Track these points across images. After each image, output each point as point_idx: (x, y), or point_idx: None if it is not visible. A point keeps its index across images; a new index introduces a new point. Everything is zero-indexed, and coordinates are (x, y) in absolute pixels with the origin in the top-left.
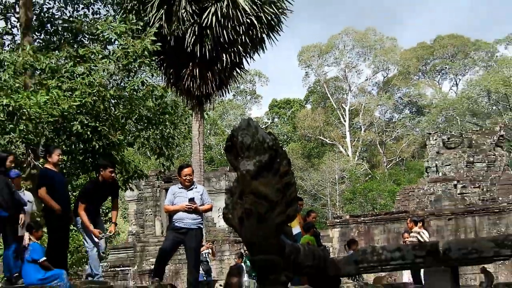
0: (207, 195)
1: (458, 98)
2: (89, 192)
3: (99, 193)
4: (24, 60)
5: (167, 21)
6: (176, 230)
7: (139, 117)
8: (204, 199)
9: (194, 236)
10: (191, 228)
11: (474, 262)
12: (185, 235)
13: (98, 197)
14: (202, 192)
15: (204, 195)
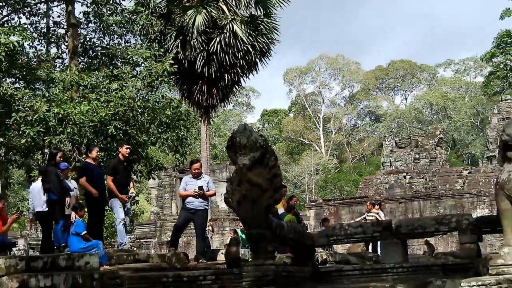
0: (212, 183)
1: (407, 109)
2: (113, 167)
3: (122, 167)
4: (71, 78)
5: (182, 49)
6: (187, 210)
7: (159, 122)
8: (209, 186)
9: (201, 215)
10: (198, 209)
11: (419, 236)
12: (193, 214)
13: (122, 171)
14: (208, 181)
15: (210, 183)
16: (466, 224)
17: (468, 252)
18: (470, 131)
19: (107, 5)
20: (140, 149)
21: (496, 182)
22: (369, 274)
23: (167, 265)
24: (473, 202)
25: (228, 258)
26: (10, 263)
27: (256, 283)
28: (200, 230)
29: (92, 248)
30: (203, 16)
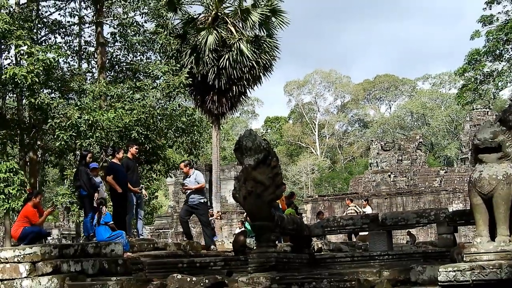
0: (199, 178)
1: (391, 116)
2: (126, 165)
3: (133, 165)
4: (100, 89)
5: (196, 64)
6: (187, 204)
7: (176, 128)
8: (197, 180)
9: (201, 208)
10: (197, 203)
11: (403, 227)
12: (194, 208)
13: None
14: (195, 177)
15: (197, 178)
16: (443, 217)
17: (445, 242)
18: (446, 136)
19: (131, 27)
20: (159, 151)
21: (469, 181)
22: (359, 261)
23: (182, 253)
24: (449, 197)
25: (235, 246)
26: (45, 251)
27: (260, 268)
28: (202, 220)
29: (116, 237)
30: (214, 36)
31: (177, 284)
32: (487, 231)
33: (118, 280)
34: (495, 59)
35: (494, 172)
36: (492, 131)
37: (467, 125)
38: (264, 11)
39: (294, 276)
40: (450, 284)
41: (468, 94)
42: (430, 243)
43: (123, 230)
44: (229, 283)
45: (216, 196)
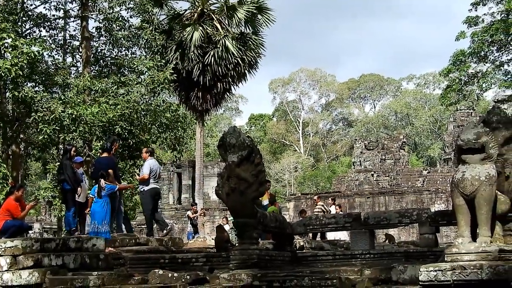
0: (144, 168)
1: (375, 116)
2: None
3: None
4: (84, 84)
5: (181, 60)
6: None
7: (160, 124)
8: (142, 170)
9: (141, 197)
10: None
11: (385, 227)
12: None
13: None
14: (144, 166)
15: (143, 168)
16: (425, 217)
17: (427, 242)
18: (429, 136)
19: (117, 22)
20: (143, 147)
21: (451, 181)
22: (340, 259)
23: (164, 248)
24: (432, 198)
25: (217, 243)
26: (27, 244)
27: (242, 265)
28: (142, 210)
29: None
30: (200, 33)
31: (158, 279)
32: (468, 231)
33: (99, 274)
34: (479, 60)
35: (477, 173)
36: (475, 132)
37: (451, 126)
38: (250, 8)
39: (275, 273)
40: (431, 283)
41: (452, 95)
42: (412, 242)
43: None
44: (210, 279)
45: (199, 193)
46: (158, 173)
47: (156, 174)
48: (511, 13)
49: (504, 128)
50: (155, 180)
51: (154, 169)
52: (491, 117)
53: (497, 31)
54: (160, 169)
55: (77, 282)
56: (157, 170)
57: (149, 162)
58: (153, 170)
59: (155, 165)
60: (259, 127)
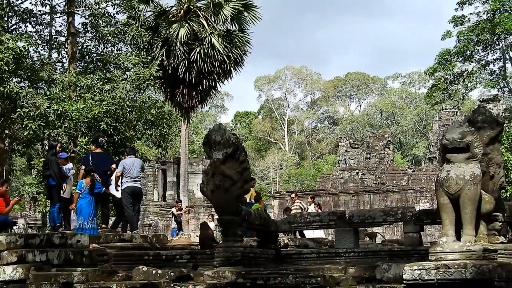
0: (118, 167)
1: (360, 114)
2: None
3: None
4: (69, 79)
5: (167, 57)
6: None
7: (145, 120)
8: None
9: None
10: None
11: (369, 225)
12: None
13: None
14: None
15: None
16: (410, 216)
17: (411, 240)
18: (415, 135)
19: (103, 18)
20: (128, 143)
21: (436, 180)
22: (324, 257)
23: (148, 245)
24: (416, 196)
25: (201, 240)
26: (11, 240)
27: (226, 262)
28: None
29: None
30: (186, 30)
31: (142, 276)
32: (453, 230)
33: (83, 271)
34: (465, 59)
35: (462, 172)
36: (460, 131)
37: (436, 125)
38: (237, 6)
39: (259, 271)
40: (415, 282)
41: (438, 94)
42: (396, 241)
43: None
44: (194, 276)
45: (184, 190)
46: (134, 172)
47: (131, 173)
48: (497, 12)
49: (489, 127)
50: (132, 179)
51: (128, 167)
52: (476, 116)
53: (483, 31)
54: (137, 167)
55: (61, 278)
56: (131, 169)
57: (123, 161)
58: (126, 169)
59: (131, 164)
60: (245, 124)
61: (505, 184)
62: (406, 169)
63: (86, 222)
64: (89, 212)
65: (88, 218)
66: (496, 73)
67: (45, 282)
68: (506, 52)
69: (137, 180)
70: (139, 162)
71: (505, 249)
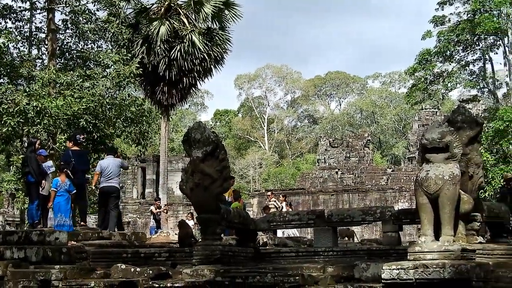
0: (96, 167)
1: (340, 113)
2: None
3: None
4: (49, 76)
5: (147, 54)
6: None
7: (125, 118)
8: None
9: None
10: None
11: (348, 224)
12: None
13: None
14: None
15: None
16: (389, 215)
17: (390, 240)
18: (394, 134)
19: (83, 15)
20: (107, 140)
21: (415, 180)
22: (303, 256)
23: (127, 243)
24: (395, 196)
25: (180, 238)
26: None
27: (205, 260)
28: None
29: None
30: (166, 27)
31: (120, 274)
32: (431, 230)
33: (61, 268)
34: (445, 59)
35: (441, 172)
36: (440, 131)
37: (416, 125)
38: (217, 4)
39: (238, 269)
40: (393, 282)
41: (418, 94)
42: (375, 240)
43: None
44: (173, 274)
45: (163, 188)
46: (110, 172)
47: (108, 173)
48: (477, 13)
49: (468, 127)
50: (107, 178)
51: (104, 167)
52: (455, 116)
53: (463, 31)
54: (113, 167)
55: (39, 275)
56: (107, 168)
57: (100, 161)
58: (103, 169)
59: (106, 164)
60: (224, 122)
61: (484, 184)
62: (386, 169)
63: (67, 219)
64: (68, 209)
65: (68, 215)
66: (476, 73)
67: (23, 279)
68: (486, 52)
69: (112, 179)
70: (116, 162)
71: (484, 249)
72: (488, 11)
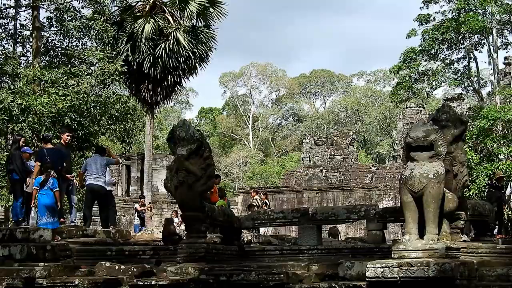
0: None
1: (325, 112)
2: (58, 153)
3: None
4: (34, 74)
5: (132, 52)
6: None
7: (110, 115)
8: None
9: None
10: None
11: (333, 222)
12: None
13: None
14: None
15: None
16: (373, 214)
17: (374, 238)
18: (379, 133)
19: (68, 12)
20: (92, 138)
21: (400, 178)
22: (288, 254)
23: (111, 240)
24: (380, 194)
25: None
26: None
27: (189, 258)
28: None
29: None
30: (151, 25)
31: (105, 272)
32: (416, 229)
33: (45, 266)
34: (430, 58)
35: (425, 170)
36: (424, 129)
37: (400, 123)
38: (202, 2)
39: (223, 267)
40: (377, 280)
41: (402, 92)
42: (360, 239)
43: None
44: (157, 272)
45: (147, 185)
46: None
47: (91, 171)
48: (462, 11)
49: (453, 126)
50: (92, 177)
51: (89, 165)
52: (440, 115)
53: (448, 30)
54: (97, 166)
55: (23, 273)
56: (91, 167)
57: (87, 160)
58: (88, 167)
59: (91, 162)
60: (209, 120)
61: (468, 183)
62: (370, 167)
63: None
64: (53, 206)
65: (54, 212)
66: (461, 72)
67: (7, 277)
68: (470, 51)
69: (98, 178)
70: (101, 160)
71: (468, 248)
72: (473, 9)
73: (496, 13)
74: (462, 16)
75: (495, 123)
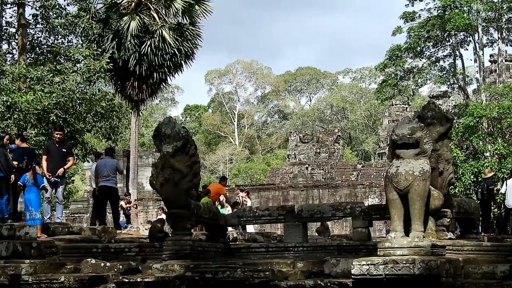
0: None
1: (311, 109)
2: (46, 149)
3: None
4: (19, 71)
5: (117, 49)
6: None
7: (95, 112)
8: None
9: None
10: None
11: (318, 220)
12: None
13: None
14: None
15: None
16: (359, 211)
17: (360, 236)
18: (364, 130)
19: (54, 9)
20: (77, 135)
21: (385, 176)
22: (273, 252)
23: (97, 238)
24: (365, 192)
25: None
26: None
27: (175, 255)
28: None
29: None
30: (137, 22)
31: (91, 269)
32: (401, 226)
33: (31, 263)
34: (415, 55)
35: (411, 168)
36: (410, 127)
37: (386, 121)
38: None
39: (208, 264)
40: (363, 277)
41: (388, 90)
42: (345, 236)
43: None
44: (143, 269)
45: (133, 183)
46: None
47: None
48: (447, 9)
49: (438, 123)
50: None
51: (100, 168)
52: (426, 112)
53: (433, 27)
54: (108, 168)
55: (9, 270)
56: (103, 169)
57: (97, 162)
58: (99, 170)
59: (103, 164)
60: (195, 118)
61: (454, 180)
62: (356, 164)
63: (38, 213)
64: (39, 203)
65: (38, 210)
66: (446, 69)
67: None
68: (456, 48)
69: (109, 179)
70: (112, 162)
71: (453, 245)
72: (458, 7)
73: (481, 10)
74: (447, 13)
75: (481, 121)
